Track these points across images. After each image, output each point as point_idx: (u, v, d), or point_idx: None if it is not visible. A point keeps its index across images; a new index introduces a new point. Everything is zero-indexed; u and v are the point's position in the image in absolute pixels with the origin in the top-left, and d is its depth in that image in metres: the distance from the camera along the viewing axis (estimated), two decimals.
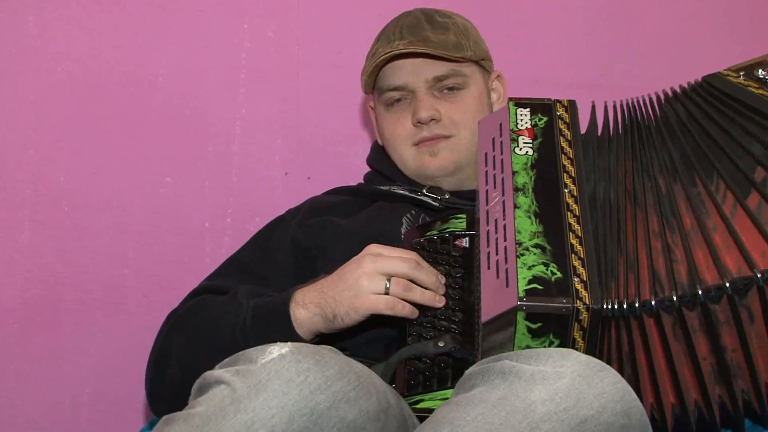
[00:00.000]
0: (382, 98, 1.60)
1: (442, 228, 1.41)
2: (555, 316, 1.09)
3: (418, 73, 1.56)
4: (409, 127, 1.57)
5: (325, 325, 1.28)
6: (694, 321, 1.11)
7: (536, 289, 1.10)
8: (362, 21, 1.92)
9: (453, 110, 1.56)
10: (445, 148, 1.56)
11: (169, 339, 1.42)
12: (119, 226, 1.83)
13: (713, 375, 1.14)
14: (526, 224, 1.18)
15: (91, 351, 1.82)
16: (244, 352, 1.05)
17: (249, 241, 1.59)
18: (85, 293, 1.81)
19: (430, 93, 1.56)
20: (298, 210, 1.60)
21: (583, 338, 1.10)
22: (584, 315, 1.10)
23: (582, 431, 0.97)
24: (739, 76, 1.32)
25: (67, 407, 1.81)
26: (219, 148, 1.87)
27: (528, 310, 1.09)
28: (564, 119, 1.33)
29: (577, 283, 1.12)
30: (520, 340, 1.10)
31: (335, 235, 1.50)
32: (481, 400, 1.01)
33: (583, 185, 1.24)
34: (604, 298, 1.12)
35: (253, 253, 1.55)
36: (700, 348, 1.12)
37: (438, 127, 1.55)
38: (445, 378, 1.20)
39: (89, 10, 1.83)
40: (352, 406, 1.00)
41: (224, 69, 1.88)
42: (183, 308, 1.46)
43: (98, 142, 1.83)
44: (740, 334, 1.11)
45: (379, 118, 1.64)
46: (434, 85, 1.56)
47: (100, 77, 1.83)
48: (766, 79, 1.30)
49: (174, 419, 1.02)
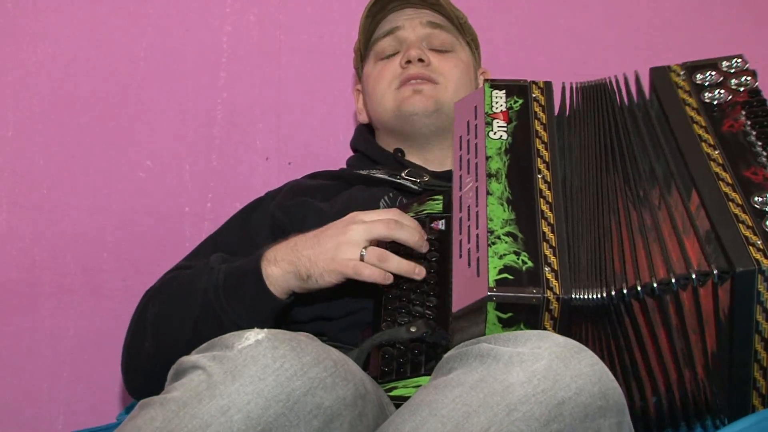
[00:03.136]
0: (374, 50, 1.63)
1: (418, 210, 1.40)
2: (525, 306, 1.09)
3: (414, 17, 1.60)
4: (395, 69, 1.59)
5: (298, 284, 1.28)
6: (667, 308, 1.11)
7: (507, 279, 1.10)
8: (344, 6, 1.92)
9: (442, 63, 1.59)
10: (429, 88, 1.57)
11: (143, 313, 1.42)
12: (98, 210, 1.82)
13: (683, 360, 1.14)
14: (498, 212, 1.18)
15: (69, 335, 1.81)
16: (221, 338, 1.04)
17: (227, 222, 1.59)
18: (63, 277, 1.80)
19: (421, 45, 1.60)
20: (277, 192, 1.60)
21: (554, 327, 1.10)
22: (555, 305, 1.09)
23: (559, 412, 0.97)
24: (680, 74, 1.34)
25: (44, 392, 1.80)
26: (199, 132, 1.87)
27: (498, 300, 1.09)
28: (539, 101, 1.33)
29: (548, 272, 1.11)
30: (491, 330, 1.10)
31: (314, 216, 1.50)
32: (459, 383, 1.01)
33: (557, 170, 1.24)
34: (575, 287, 1.12)
35: (231, 233, 1.55)
36: (672, 335, 1.13)
37: (426, 69, 1.57)
38: (418, 364, 1.20)
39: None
40: (329, 392, 1.00)
41: (205, 53, 1.87)
42: (157, 284, 1.46)
43: (77, 125, 1.82)
44: (699, 320, 1.12)
45: (366, 80, 1.64)
46: (427, 34, 1.59)
47: (79, 60, 1.82)
48: (703, 84, 1.32)
49: (150, 403, 1.01)
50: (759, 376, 1.15)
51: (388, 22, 1.63)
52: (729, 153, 1.22)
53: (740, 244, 1.10)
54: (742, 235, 1.11)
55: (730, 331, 1.12)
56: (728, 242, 1.11)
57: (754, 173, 1.19)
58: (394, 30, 1.61)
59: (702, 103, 1.30)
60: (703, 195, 1.18)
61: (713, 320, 1.12)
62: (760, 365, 1.14)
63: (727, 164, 1.20)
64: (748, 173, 1.19)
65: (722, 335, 1.13)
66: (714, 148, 1.23)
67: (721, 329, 1.12)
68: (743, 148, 1.23)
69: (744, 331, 1.11)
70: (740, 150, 1.22)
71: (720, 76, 1.33)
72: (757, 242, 1.10)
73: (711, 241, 1.13)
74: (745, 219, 1.13)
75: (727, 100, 1.29)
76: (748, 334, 1.12)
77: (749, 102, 1.28)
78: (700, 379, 1.15)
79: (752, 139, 1.23)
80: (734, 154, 1.22)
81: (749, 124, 1.25)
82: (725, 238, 1.12)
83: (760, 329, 1.11)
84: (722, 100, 1.30)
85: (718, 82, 1.32)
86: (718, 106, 1.29)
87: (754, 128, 1.25)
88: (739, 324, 1.11)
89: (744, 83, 1.31)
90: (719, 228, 1.13)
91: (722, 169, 1.20)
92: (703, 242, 1.12)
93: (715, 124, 1.26)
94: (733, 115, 1.27)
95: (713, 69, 1.34)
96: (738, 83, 1.31)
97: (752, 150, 1.22)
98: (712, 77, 1.33)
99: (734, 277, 1.09)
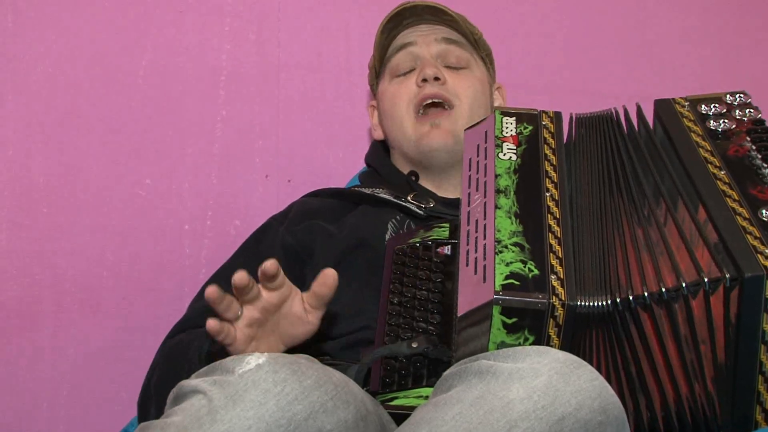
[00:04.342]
0: (389, 67, 1.63)
1: (425, 236, 1.42)
2: (530, 311, 1.09)
3: (428, 34, 1.60)
4: (412, 88, 1.59)
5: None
6: (676, 317, 1.11)
7: (513, 284, 1.11)
8: (343, 24, 1.93)
9: (457, 81, 1.60)
10: (446, 119, 1.57)
11: (149, 381, 1.43)
12: (98, 228, 1.81)
13: (693, 372, 1.14)
14: (506, 224, 1.19)
15: (68, 353, 1.80)
16: (221, 362, 1.04)
17: (237, 252, 1.58)
18: (62, 295, 1.80)
19: (436, 63, 1.60)
20: (284, 216, 1.60)
21: (558, 335, 1.11)
22: (560, 311, 1.10)
23: (560, 429, 0.97)
24: (685, 106, 1.36)
25: (44, 410, 1.80)
26: (199, 150, 1.87)
27: (504, 304, 1.09)
28: (549, 129, 1.35)
29: (554, 280, 1.12)
30: (495, 335, 1.10)
31: (323, 239, 1.50)
32: (458, 400, 1.01)
33: (564, 189, 1.25)
34: (580, 295, 1.12)
35: (245, 263, 1.54)
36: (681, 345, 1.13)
37: (442, 88, 1.57)
38: (420, 377, 1.20)
39: (69, 11, 1.82)
40: (330, 416, 1.00)
41: (205, 71, 1.88)
42: (161, 350, 1.46)
43: (77, 144, 1.82)
44: (710, 330, 1.12)
45: (382, 97, 1.64)
46: (442, 51, 1.59)
47: (80, 78, 1.82)
48: (707, 114, 1.33)
49: (150, 427, 1.01)
50: (763, 389, 1.15)
51: (403, 37, 1.64)
52: (735, 174, 1.23)
53: (748, 253, 1.11)
54: (750, 245, 1.12)
55: (737, 341, 1.12)
56: (737, 251, 1.12)
57: (760, 191, 1.20)
58: (407, 45, 1.62)
59: (707, 130, 1.31)
60: (711, 209, 1.18)
61: (722, 329, 1.12)
62: (764, 377, 1.14)
63: (733, 183, 1.22)
64: (755, 191, 1.20)
65: (730, 346, 1.13)
66: (720, 169, 1.24)
67: (729, 340, 1.12)
68: (749, 169, 1.24)
69: (750, 340, 1.11)
70: (746, 171, 1.24)
71: (724, 107, 1.34)
72: (765, 251, 1.11)
73: (720, 251, 1.13)
74: (752, 230, 1.14)
75: (732, 128, 1.31)
76: (755, 343, 1.12)
77: (754, 129, 1.30)
78: (710, 393, 1.15)
79: (758, 162, 1.25)
80: (740, 174, 1.23)
81: (754, 148, 1.27)
82: (733, 247, 1.12)
83: (767, 339, 1.11)
84: (727, 127, 1.31)
85: (722, 113, 1.34)
86: (723, 133, 1.31)
87: (759, 152, 1.26)
88: (745, 333, 1.11)
89: (747, 114, 1.33)
90: (727, 238, 1.13)
91: (729, 188, 1.21)
92: (713, 251, 1.13)
93: (720, 149, 1.28)
94: (738, 141, 1.29)
95: (717, 102, 1.36)
96: (742, 114, 1.33)
97: (758, 172, 1.23)
98: (716, 108, 1.34)
99: (743, 283, 1.09)
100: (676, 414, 1.17)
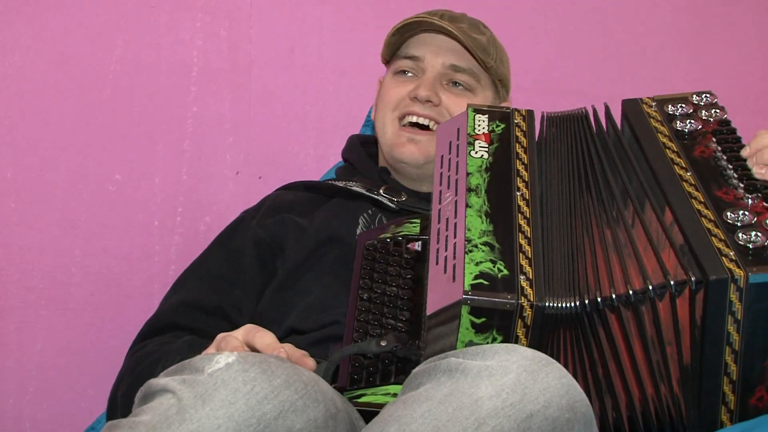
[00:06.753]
0: (394, 64, 1.62)
1: (396, 231, 1.42)
2: (499, 312, 1.10)
3: (439, 53, 1.58)
4: (404, 94, 1.58)
5: None
6: (642, 319, 1.12)
7: (482, 284, 1.11)
8: (315, 20, 1.92)
9: (453, 103, 1.58)
10: (426, 138, 1.57)
11: (116, 392, 1.42)
12: (66, 223, 1.80)
13: (659, 373, 1.15)
14: (476, 223, 1.19)
15: (35, 349, 1.79)
16: (190, 361, 1.04)
17: (207, 250, 1.58)
18: (30, 291, 1.78)
19: (439, 80, 1.59)
20: (256, 210, 1.60)
21: (526, 336, 1.11)
22: (528, 312, 1.10)
23: (528, 426, 0.97)
24: (652, 105, 1.37)
25: (9, 406, 1.78)
26: (170, 145, 1.86)
27: (472, 304, 1.10)
28: (521, 127, 1.35)
29: (523, 281, 1.12)
30: (464, 334, 1.11)
31: (294, 233, 1.50)
32: (427, 398, 1.01)
33: (535, 189, 1.25)
34: (549, 296, 1.13)
35: (214, 261, 1.54)
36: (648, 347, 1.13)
37: (432, 110, 1.56)
38: (388, 374, 1.20)
39: (39, 3, 1.80)
40: (300, 415, 1.00)
41: (176, 66, 1.87)
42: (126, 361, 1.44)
43: (46, 138, 1.80)
44: (676, 331, 1.13)
45: (381, 85, 1.66)
46: (447, 73, 1.58)
47: (49, 72, 1.80)
48: (674, 114, 1.35)
49: (118, 426, 1.00)
50: (728, 390, 1.16)
51: (414, 47, 1.61)
52: (701, 175, 1.24)
53: (713, 255, 1.12)
54: (714, 247, 1.13)
55: (702, 343, 1.13)
56: (702, 253, 1.13)
57: (725, 193, 1.22)
58: (415, 58, 1.60)
59: (673, 131, 1.33)
60: (677, 211, 1.20)
61: (688, 331, 1.13)
62: (729, 379, 1.15)
63: (699, 185, 1.23)
64: (720, 193, 1.21)
65: (696, 347, 1.14)
66: (686, 170, 1.26)
67: (695, 341, 1.13)
68: (714, 171, 1.25)
69: (715, 341, 1.13)
70: (711, 173, 1.25)
71: (690, 107, 1.36)
72: (730, 253, 1.12)
73: (686, 253, 1.14)
74: (717, 233, 1.15)
75: (698, 129, 1.32)
76: (719, 345, 1.13)
77: (719, 130, 1.32)
78: (675, 394, 1.16)
79: (723, 163, 1.26)
80: (706, 176, 1.24)
81: (719, 149, 1.28)
82: (698, 250, 1.13)
83: (731, 341, 1.13)
84: (693, 128, 1.33)
85: (689, 113, 1.35)
86: (689, 134, 1.32)
87: (724, 153, 1.28)
88: (710, 335, 1.12)
89: (713, 115, 1.34)
90: (693, 241, 1.15)
91: (695, 189, 1.22)
92: (679, 253, 1.14)
93: (687, 150, 1.29)
94: (704, 142, 1.30)
95: (684, 102, 1.37)
96: (708, 114, 1.34)
97: (723, 173, 1.25)
98: (683, 108, 1.36)
99: (708, 286, 1.10)
100: (641, 414, 1.18)
